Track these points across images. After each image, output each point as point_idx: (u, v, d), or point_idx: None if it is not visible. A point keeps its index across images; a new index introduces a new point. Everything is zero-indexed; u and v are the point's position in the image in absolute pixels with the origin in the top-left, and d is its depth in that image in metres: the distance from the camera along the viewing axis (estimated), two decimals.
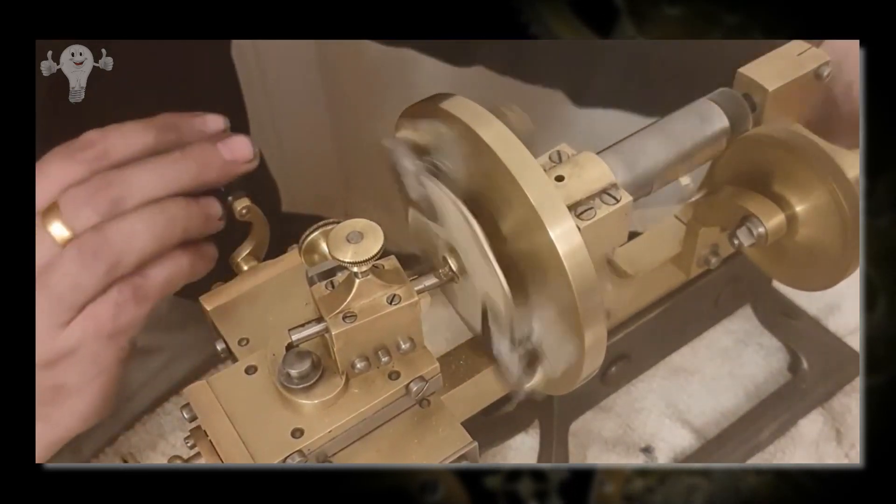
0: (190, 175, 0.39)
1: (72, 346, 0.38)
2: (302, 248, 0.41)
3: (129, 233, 0.37)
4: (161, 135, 0.40)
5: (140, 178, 0.38)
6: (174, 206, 0.38)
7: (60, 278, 0.37)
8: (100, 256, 0.36)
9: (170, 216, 0.38)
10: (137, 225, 0.37)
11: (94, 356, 0.38)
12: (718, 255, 0.45)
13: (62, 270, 0.37)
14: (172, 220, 0.38)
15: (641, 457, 0.49)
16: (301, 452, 0.33)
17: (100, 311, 0.37)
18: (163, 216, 0.38)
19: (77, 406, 0.40)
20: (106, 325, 0.37)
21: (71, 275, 0.37)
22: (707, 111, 0.41)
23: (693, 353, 0.54)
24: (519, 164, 0.32)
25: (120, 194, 0.37)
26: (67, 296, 0.37)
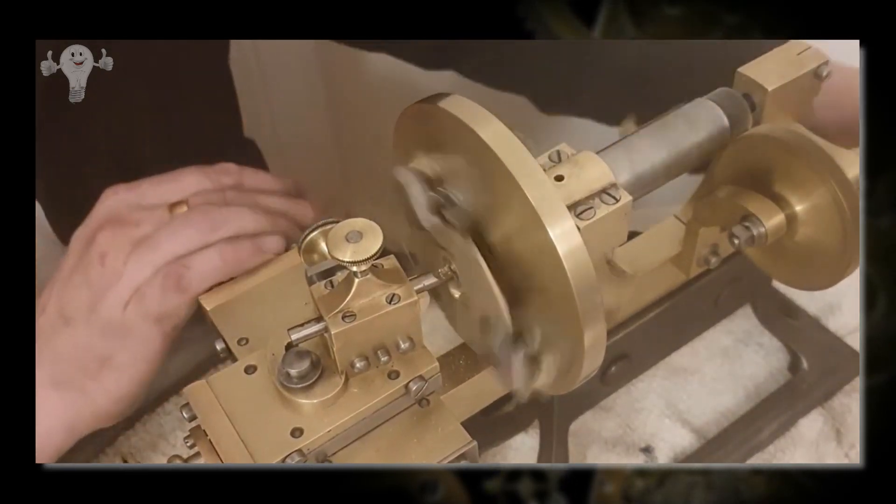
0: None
1: (128, 325, 0.40)
2: (301, 247, 0.41)
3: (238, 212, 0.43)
4: (285, 187, 0.46)
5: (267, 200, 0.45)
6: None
7: (165, 233, 0.41)
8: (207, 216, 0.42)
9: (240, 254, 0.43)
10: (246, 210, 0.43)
11: (145, 338, 0.41)
12: (718, 255, 0.45)
13: (170, 227, 0.41)
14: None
15: (641, 457, 0.49)
16: (300, 452, 0.33)
17: (148, 294, 0.40)
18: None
19: (116, 384, 0.42)
20: (153, 308, 0.40)
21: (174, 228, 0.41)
22: (707, 111, 0.41)
23: (693, 353, 0.54)
24: (518, 164, 0.32)
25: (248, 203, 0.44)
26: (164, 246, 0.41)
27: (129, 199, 0.43)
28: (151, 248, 0.41)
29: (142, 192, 0.43)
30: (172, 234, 0.41)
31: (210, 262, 0.41)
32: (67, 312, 0.42)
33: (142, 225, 0.42)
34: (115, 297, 0.41)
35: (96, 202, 0.44)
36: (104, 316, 0.41)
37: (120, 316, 0.41)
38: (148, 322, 0.41)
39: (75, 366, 0.41)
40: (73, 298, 0.42)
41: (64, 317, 0.42)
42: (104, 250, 0.41)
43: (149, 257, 0.41)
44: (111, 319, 0.41)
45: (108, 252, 0.41)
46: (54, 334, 0.42)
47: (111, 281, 0.41)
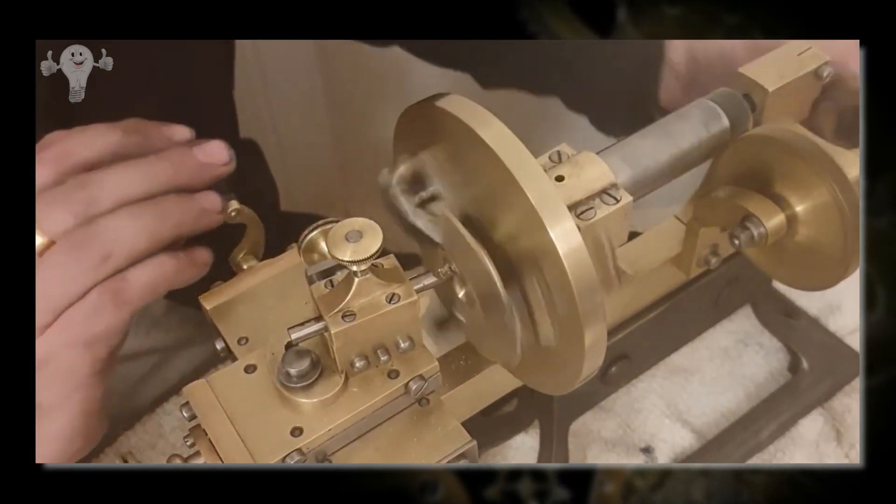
0: (165, 176, 0.37)
1: (45, 355, 0.35)
2: (301, 246, 0.41)
3: (118, 227, 0.36)
4: (126, 137, 0.38)
5: (113, 178, 0.36)
6: (166, 201, 0.37)
7: (48, 275, 0.35)
8: (90, 247, 0.35)
9: (161, 210, 0.37)
10: (126, 220, 0.36)
11: (68, 367, 0.36)
12: (718, 256, 0.45)
13: (50, 266, 0.35)
14: (163, 215, 0.37)
15: (641, 457, 0.49)
16: (300, 451, 0.33)
17: (74, 316, 0.35)
18: (153, 210, 0.36)
19: (55, 427, 0.37)
20: (81, 332, 0.35)
21: (60, 269, 0.35)
22: (707, 111, 0.41)
23: (693, 353, 0.54)
24: (519, 164, 0.32)
25: (93, 195, 0.36)
26: (54, 294, 0.35)
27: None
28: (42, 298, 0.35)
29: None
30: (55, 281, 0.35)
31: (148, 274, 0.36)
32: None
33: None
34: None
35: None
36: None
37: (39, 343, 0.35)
38: (74, 349, 0.35)
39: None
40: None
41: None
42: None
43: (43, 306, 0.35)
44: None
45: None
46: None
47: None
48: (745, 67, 0.41)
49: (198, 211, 0.38)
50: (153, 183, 0.37)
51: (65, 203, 0.36)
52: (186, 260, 0.38)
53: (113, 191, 0.36)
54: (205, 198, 0.39)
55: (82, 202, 0.36)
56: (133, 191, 0.37)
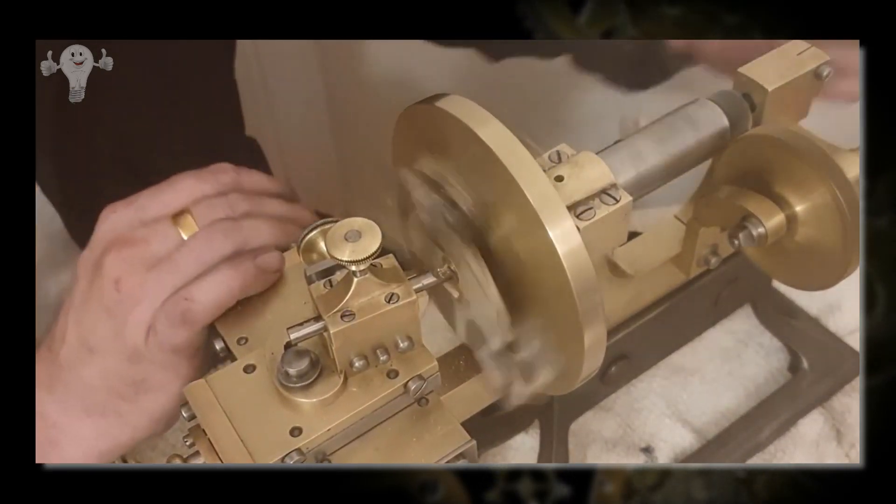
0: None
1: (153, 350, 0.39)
2: (300, 246, 0.41)
3: (256, 227, 0.41)
4: (282, 189, 0.45)
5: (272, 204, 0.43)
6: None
7: (185, 253, 0.39)
8: (228, 236, 0.40)
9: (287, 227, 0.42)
10: (263, 224, 0.42)
11: (168, 363, 0.40)
12: (718, 255, 0.45)
13: (190, 247, 0.39)
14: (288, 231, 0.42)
15: (642, 457, 0.49)
16: (300, 451, 0.33)
17: (159, 328, 0.39)
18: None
19: (153, 405, 0.41)
20: (166, 342, 0.39)
21: (197, 250, 0.39)
22: (707, 111, 0.41)
23: (693, 353, 0.54)
24: (518, 164, 0.32)
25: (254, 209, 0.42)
26: (188, 270, 0.39)
27: (129, 217, 0.41)
28: (172, 271, 0.39)
29: (140, 207, 0.41)
30: (192, 254, 0.39)
31: (214, 292, 0.39)
32: (91, 342, 0.40)
33: (150, 242, 0.40)
34: (137, 323, 0.39)
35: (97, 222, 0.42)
36: (130, 343, 0.39)
37: (144, 342, 0.39)
38: (165, 353, 0.40)
39: (108, 393, 0.40)
40: (94, 327, 0.40)
41: (87, 346, 0.40)
42: (117, 275, 0.39)
43: (171, 281, 0.39)
44: (137, 346, 0.39)
45: (122, 276, 0.39)
46: (80, 364, 0.40)
47: (130, 307, 0.39)
48: (745, 67, 0.41)
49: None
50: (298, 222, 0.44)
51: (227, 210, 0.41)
52: (254, 271, 0.40)
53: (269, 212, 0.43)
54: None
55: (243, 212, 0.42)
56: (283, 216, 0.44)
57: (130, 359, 0.40)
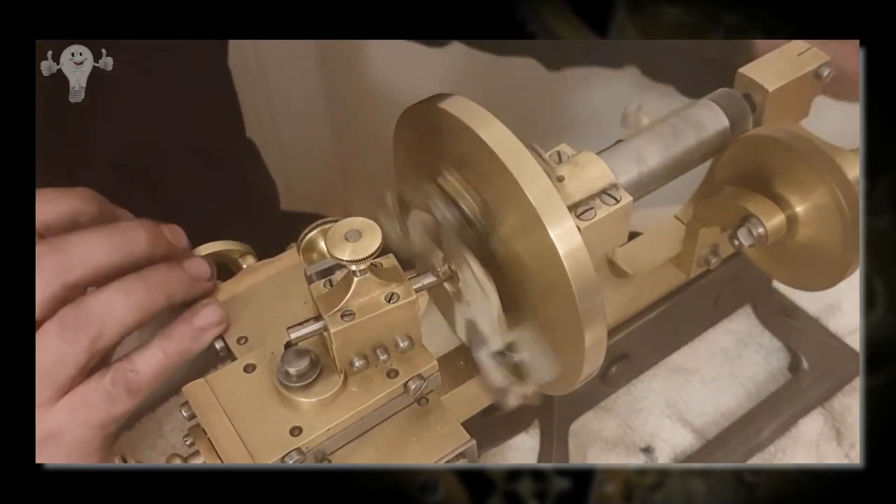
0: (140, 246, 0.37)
1: (56, 429, 0.36)
2: (300, 246, 0.41)
3: (109, 303, 0.36)
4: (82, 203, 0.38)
5: (85, 244, 0.36)
6: (154, 273, 0.37)
7: (43, 355, 0.35)
8: (81, 329, 0.35)
9: (152, 284, 0.37)
10: (117, 296, 0.36)
11: (81, 442, 0.37)
12: (718, 256, 0.45)
13: (44, 347, 0.35)
14: (154, 288, 0.37)
15: (642, 457, 0.49)
16: (299, 450, 0.33)
17: (93, 401, 0.36)
18: (143, 284, 0.37)
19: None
20: (98, 415, 0.36)
21: (54, 350, 0.35)
22: (707, 111, 0.41)
23: (693, 353, 0.54)
24: (519, 164, 0.32)
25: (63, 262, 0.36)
26: (52, 372, 0.36)
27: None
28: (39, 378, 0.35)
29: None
30: (48, 358, 0.35)
31: (155, 361, 0.37)
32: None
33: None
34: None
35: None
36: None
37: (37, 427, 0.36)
38: (89, 428, 0.37)
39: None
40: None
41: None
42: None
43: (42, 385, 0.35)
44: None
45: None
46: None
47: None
48: (746, 67, 0.41)
49: (188, 280, 0.39)
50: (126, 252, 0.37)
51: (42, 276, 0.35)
52: (190, 332, 0.38)
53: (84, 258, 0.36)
54: (194, 265, 0.39)
55: (51, 271, 0.35)
56: (106, 259, 0.36)
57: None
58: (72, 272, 0.36)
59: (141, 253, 0.37)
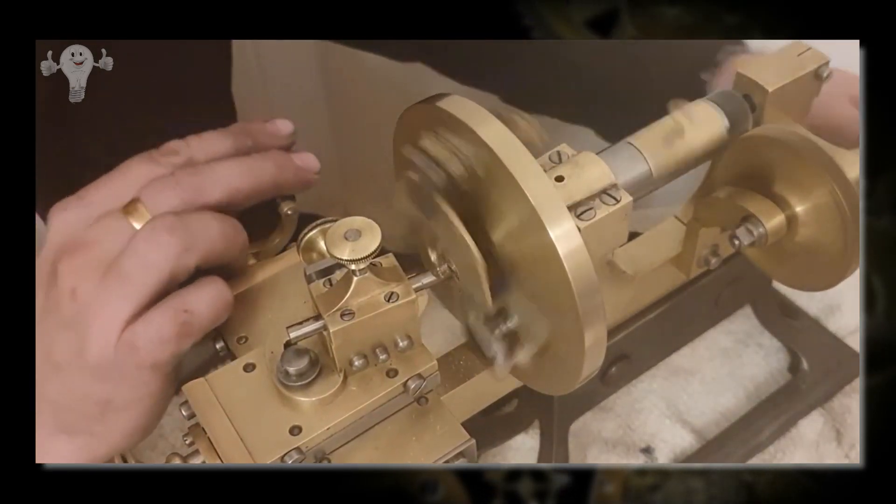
0: (269, 174, 0.40)
1: (118, 362, 0.36)
2: (300, 245, 0.41)
3: (204, 222, 0.37)
4: (238, 140, 0.41)
5: (224, 169, 0.39)
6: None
7: (130, 257, 0.35)
8: (173, 232, 0.35)
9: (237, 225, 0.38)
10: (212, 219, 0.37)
11: (139, 381, 0.37)
12: (718, 256, 0.45)
13: (133, 249, 0.35)
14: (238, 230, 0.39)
15: (641, 457, 0.49)
16: (299, 450, 0.33)
17: (141, 342, 0.36)
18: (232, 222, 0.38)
19: (123, 423, 0.38)
20: (147, 357, 0.36)
21: (141, 253, 0.35)
22: (707, 111, 0.41)
23: (693, 354, 0.54)
24: (518, 164, 0.32)
25: (203, 182, 0.38)
26: (136, 276, 0.35)
27: (79, 215, 0.37)
28: (120, 281, 0.35)
29: (90, 202, 0.38)
30: (137, 259, 0.35)
31: (214, 303, 0.37)
32: (54, 357, 0.37)
33: (102, 242, 0.36)
34: (98, 338, 0.36)
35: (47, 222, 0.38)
36: (93, 359, 0.36)
37: (110, 358, 0.36)
38: (142, 370, 0.36)
39: (76, 412, 0.38)
40: (55, 341, 0.37)
41: (51, 362, 0.37)
42: (72, 284, 0.36)
43: (121, 291, 0.35)
44: (100, 362, 0.36)
45: (77, 285, 0.36)
46: (46, 381, 0.37)
47: (89, 319, 0.36)
48: (746, 68, 0.41)
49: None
50: (259, 179, 0.39)
51: (174, 187, 0.37)
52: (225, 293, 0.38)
53: (222, 180, 0.38)
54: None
55: (192, 187, 0.37)
56: (240, 183, 0.39)
57: (95, 376, 0.37)
58: (207, 192, 0.38)
59: (270, 179, 0.40)
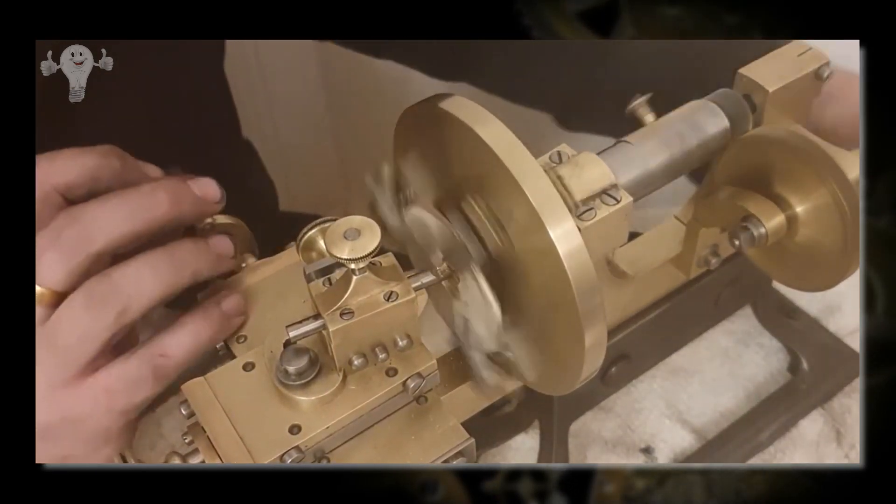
0: (162, 211, 0.36)
1: (78, 414, 0.35)
2: (300, 245, 0.41)
3: (136, 277, 0.35)
4: (103, 161, 0.36)
5: (106, 213, 0.34)
6: (180, 249, 0.36)
7: (67, 329, 0.34)
8: (108, 302, 0.34)
9: (177, 259, 0.36)
10: (144, 269, 0.35)
11: (103, 428, 0.36)
12: (718, 256, 0.45)
13: (68, 320, 0.34)
14: (180, 263, 0.36)
15: (641, 457, 0.49)
16: (298, 449, 0.33)
17: (115, 387, 0.35)
18: (169, 259, 0.36)
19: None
20: (121, 401, 0.35)
21: (79, 324, 0.34)
22: (707, 112, 0.41)
23: (693, 354, 0.54)
24: (519, 164, 0.32)
25: (85, 232, 0.34)
26: (75, 349, 0.34)
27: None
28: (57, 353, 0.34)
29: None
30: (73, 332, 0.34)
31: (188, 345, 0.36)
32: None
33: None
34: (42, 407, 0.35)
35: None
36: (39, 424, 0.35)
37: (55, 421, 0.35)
38: (111, 414, 0.36)
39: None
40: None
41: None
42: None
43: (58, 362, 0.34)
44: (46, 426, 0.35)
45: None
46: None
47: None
48: (746, 68, 0.41)
49: (213, 256, 0.38)
50: (149, 218, 0.35)
51: (56, 247, 0.34)
52: (221, 317, 0.38)
53: (105, 227, 0.34)
54: (218, 243, 0.38)
55: (73, 243, 0.34)
56: (128, 227, 0.35)
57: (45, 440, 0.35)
58: (94, 242, 0.34)
59: (163, 216, 0.36)
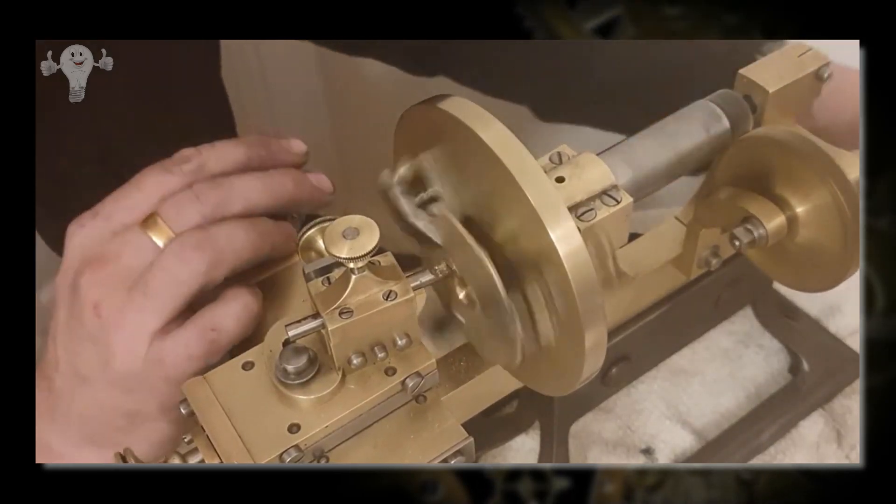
0: (287, 191, 0.40)
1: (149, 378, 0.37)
2: (299, 244, 0.41)
3: (231, 234, 0.37)
4: (252, 151, 0.41)
5: (244, 184, 0.39)
6: (265, 223, 0.40)
7: (158, 274, 0.36)
8: (202, 249, 0.36)
9: (264, 229, 0.39)
10: (238, 229, 0.38)
11: (167, 393, 0.38)
12: (719, 257, 0.45)
13: (161, 265, 0.36)
14: (266, 234, 0.39)
15: (642, 458, 0.49)
16: (297, 448, 0.33)
17: (169, 361, 0.37)
18: (263, 225, 0.39)
19: (151, 434, 0.39)
20: (175, 372, 0.37)
21: (170, 269, 0.36)
22: (707, 112, 0.41)
23: (693, 355, 0.54)
24: (519, 165, 0.32)
25: (224, 197, 0.38)
26: (164, 292, 0.36)
27: (96, 230, 0.38)
28: (147, 296, 0.36)
29: (107, 216, 0.38)
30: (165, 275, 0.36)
31: (242, 319, 0.38)
32: (81, 370, 0.38)
33: (122, 256, 0.37)
34: (125, 351, 0.37)
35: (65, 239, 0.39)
36: (119, 372, 0.37)
37: (137, 370, 0.37)
38: (169, 384, 0.37)
39: (104, 424, 0.39)
40: (80, 354, 0.38)
41: (79, 375, 0.38)
42: (95, 299, 0.37)
43: (149, 306, 0.36)
44: (127, 375, 0.37)
45: (100, 300, 0.36)
46: (74, 394, 0.38)
47: (113, 333, 0.37)
48: (746, 69, 0.41)
49: (286, 236, 0.41)
50: (277, 195, 0.40)
51: (194, 202, 0.38)
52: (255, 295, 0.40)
53: (241, 195, 0.39)
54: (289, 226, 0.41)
55: (212, 203, 0.38)
56: (260, 199, 0.39)
57: (122, 389, 0.38)
58: (232, 206, 0.38)
59: (289, 196, 0.40)
